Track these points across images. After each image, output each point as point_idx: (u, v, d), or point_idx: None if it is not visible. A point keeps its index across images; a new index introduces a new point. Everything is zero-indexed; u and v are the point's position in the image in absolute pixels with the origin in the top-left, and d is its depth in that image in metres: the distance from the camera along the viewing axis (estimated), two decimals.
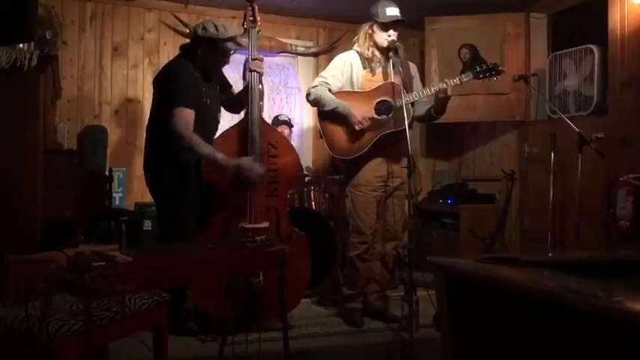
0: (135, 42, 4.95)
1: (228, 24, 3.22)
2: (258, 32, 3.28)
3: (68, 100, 4.73)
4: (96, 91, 4.83)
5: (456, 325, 1.45)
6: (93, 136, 4.55)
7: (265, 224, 3.13)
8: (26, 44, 3.18)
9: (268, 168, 3.20)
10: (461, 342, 1.45)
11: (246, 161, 3.05)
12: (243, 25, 3.30)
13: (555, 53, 4.55)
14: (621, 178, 3.64)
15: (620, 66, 3.94)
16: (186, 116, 2.99)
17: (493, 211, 4.99)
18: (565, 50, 4.44)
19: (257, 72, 3.22)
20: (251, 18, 3.24)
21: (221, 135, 3.29)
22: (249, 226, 3.07)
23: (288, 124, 4.88)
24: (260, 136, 3.16)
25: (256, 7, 3.27)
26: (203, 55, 3.12)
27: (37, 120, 3.29)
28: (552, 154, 4.18)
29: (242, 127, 3.21)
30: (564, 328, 1.11)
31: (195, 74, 3.10)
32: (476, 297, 1.38)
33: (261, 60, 3.27)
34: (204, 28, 3.07)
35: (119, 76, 4.90)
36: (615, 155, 3.87)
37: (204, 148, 3.02)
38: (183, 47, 3.28)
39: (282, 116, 4.94)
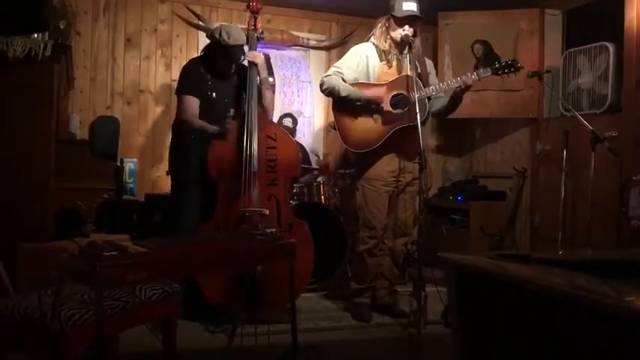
0: (148, 33, 4.97)
1: (238, 32, 3.40)
2: (258, 40, 3.58)
3: (81, 90, 4.75)
4: (108, 81, 4.85)
5: (466, 322, 1.45)
6: (105, 127, 4.57)
7: (265, 211, 3.16)
8: (41, 34, 3.19)
9: (267, 158, 3.32)
10: (471, 339, 1.45)
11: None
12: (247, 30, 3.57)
13: (569, 50, 4.51)
14: (634, 177, 3.62)
15: (635, 64, 3.89)
16: (190, 102, 3.37)
17: (503, 208, 4.96)
18: (579, 47, 4.39)
19: (254, 64, 3.42)
20: (252, 27, 3.55)
21: None
22: (246, 208, 3.14)
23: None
24: (258, 127, 3.30)
25: (259, 17, 3.59)
26: (214, 56, 3.46)
27: (50, 110, 3.30)
28: (564, 152, 4.15)
29: (242, 119, 3.35)
30: (575, 327, 1.10)
31: (201, 69, 3.44)
32: (487, 294, 1.38)
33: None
34: (213, 34, 3.41)
35: (131, 67, 4.92)
36: (629, 154, 3.83)
37: (198, 123, 3.34)
38: (204, 48, 3.65)
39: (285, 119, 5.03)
